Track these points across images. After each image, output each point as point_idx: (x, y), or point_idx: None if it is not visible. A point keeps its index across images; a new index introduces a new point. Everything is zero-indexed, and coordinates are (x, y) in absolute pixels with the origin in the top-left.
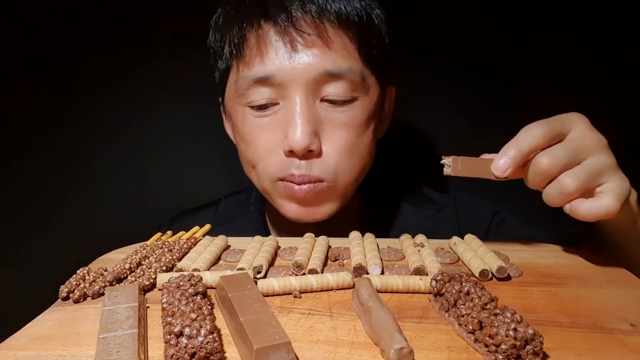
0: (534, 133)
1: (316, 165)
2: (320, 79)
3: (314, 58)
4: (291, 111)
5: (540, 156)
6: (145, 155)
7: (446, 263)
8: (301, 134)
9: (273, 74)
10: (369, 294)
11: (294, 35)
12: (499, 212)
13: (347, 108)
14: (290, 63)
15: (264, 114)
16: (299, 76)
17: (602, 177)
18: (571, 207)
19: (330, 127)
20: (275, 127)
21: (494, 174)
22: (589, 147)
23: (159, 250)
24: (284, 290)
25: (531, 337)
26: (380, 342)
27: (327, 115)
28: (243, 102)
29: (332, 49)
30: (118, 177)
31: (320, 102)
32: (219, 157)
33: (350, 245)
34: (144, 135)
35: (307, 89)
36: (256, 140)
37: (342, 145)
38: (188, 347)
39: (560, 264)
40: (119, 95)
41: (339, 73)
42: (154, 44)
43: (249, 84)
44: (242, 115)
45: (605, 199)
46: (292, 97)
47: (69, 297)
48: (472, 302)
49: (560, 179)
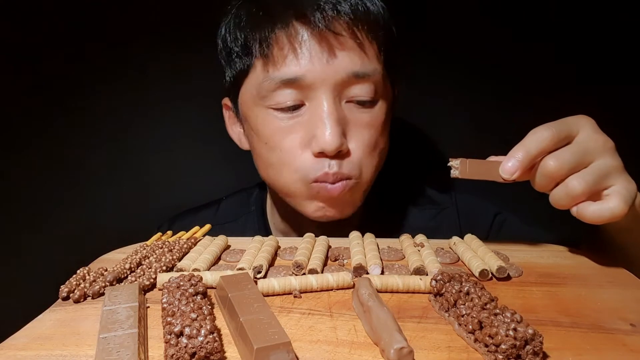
0: (542, 136)
1: (345, 164)
2: (348, 80)
3: (345, 60)
4: (319, 112)
5: (547, 159)
6: (146, 155)
7: (446, 263)
8: (332, 135)
9: (303, 75)
10: (369, 294)
11: (327, 36)
12: (500, 213)
13: (371, 109)
14: (321, 64)
15: (290, 115)
16: (328, 77)
17: (608, 180)
18: (578, 210)
19: (356, 127)
20: (301, 128)
21: (502, 177)
22: (596, 149)
23: (159, 250)
24: (284, 290)
25: (531, 337)
26: (380, 342)
27: (352, 115)
28: (266, 103)
29: (361, 50)
30: (118, 177)
31: (346, 102)
32: (219, 157)
33: (350, 245)
34: (144, 135)
35: (335, 89)
36: (281, 142)
37: (367, 144)
38: (188, 347)
39: (560, 264)
40: (119, 95)
41: (366, 74)
42: (154, 44)
43: (276, 85)
44: (263, 117)
45: (612, 201)
46: (319, 98)
47: (69, 297)
48: (472, 302)
49: (568, 181)
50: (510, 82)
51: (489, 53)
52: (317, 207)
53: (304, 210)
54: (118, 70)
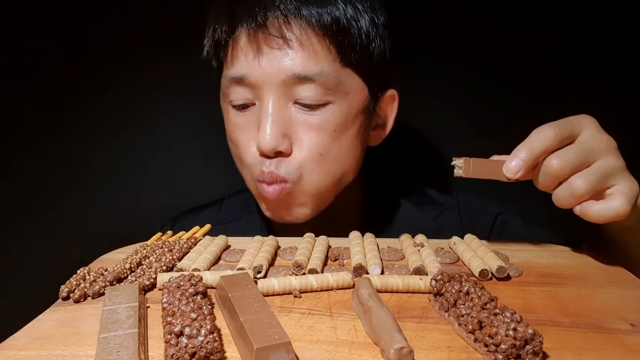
0: (546, 135)
1: (283, 165)
2: (289, 81)
3: (284, 61)
4: (263, 112)
5: (551, 158)
6: (146, 155)
7: (446, 263)
8: (269, 135)
9: (246, 75)
10: (369, 293)
11: (263, 38)
12: (501, 214)
13: (320, 111)
14: (260, 66)
15: (242, 113)
16: (269, 78)
17: (612, 179)
18: (581, 209)
19: (302, 130)
20: (250, 126)
21: (506, 176)
22: (599, 149)
23: (159, 250)
24: (284, 290)
25: (531, 337)
26: (380, 342)
27: (298, 117)
28: (227, 100)
29: (302, 52)
30: (118, 177)
31: (293, 104)
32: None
33: (350, 245)
34: (144, 135)
35: (278, 91)
36: (237, 138)
37: (313, 147)
38: (188, 347)
39: (560, 264)
40: (119, 95)
41: (308, 76)
42: (153, 43)
43: (229, 82)
44: (226, 113)
45: (615, 200)
46: (265, 99)
47: (69, 297)
48: (472, 302)
49: (571, 181)
50: (511, 82)
51: (489, 53)
52: (266, 206)
53: (262, 209)
54: (118, 70)
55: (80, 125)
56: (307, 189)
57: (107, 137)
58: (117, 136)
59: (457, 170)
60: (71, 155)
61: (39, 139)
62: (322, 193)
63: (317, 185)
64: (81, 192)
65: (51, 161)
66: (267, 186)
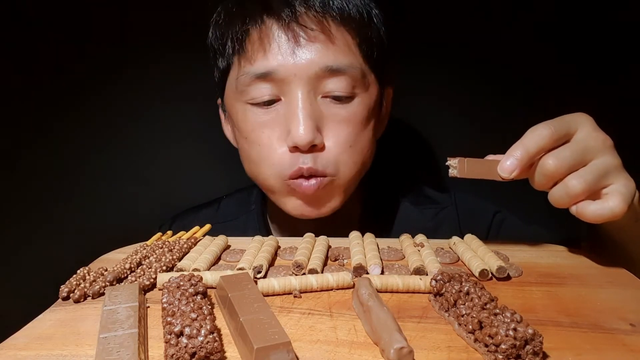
0: (541, 134)
1: (320, 160)
2: (321, 74)
3: (316, 53)
4: (293, 107)
5: (546, 158)
6: (146, 155)
7: (446, 263)
8: (304, 128)
9: (275, 69)
10: (369, 293)
11: (297, 30)
12: (499, 212)
13: (348, 104)
14: (292, 58)
15: (266, 110)
16: (300, 71)
17: (608, 178)
18: (577, 209)
19: (332, 123)
20: (277, 123)
21: (500, 176)
22: (595, 148)
23: (159, 250)
24: (284, 290)
25: (531, 337)
26: (380, 342)
27: (328, 110)
28: (244, 99)
29: (333, 44)
30: (118, 176)
31: (322, 98)
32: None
33: (350, 245)
34: (144, 134)
35: (309, 84)
36: (259, 138)
37: (344, 140)
38: (188, 347)
39: (560, 264)
40: (119, 95)
41: (340, 69)
42: (154, 43)
43: (250, 80)
44: (242, 112)
45: (611, 200)
46: (293, 93)
47: (69, 297)
48: (472, 302)
49: (567, 181)
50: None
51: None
52: (295, 204)
53: (284, 207)
54: (118, 70)
55: (81, 125)
56: (340, 182)
57: (107, 137)
58: (117, 136)
59: (452, 170)
60: (71, 156)
61: (38, 139)
62: (351, 185)
63: (348, 177)
64: (81, 192)
65: (51, 161)
66: (304, 181)
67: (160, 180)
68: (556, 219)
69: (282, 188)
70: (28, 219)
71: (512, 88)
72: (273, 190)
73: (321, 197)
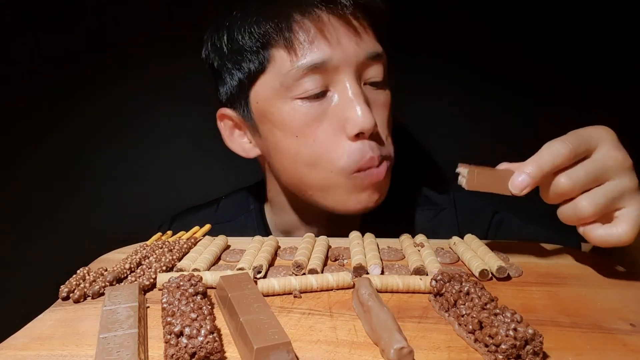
0: (557, 152)
1: (380, 146)
2: (365, 61)
3: (361, 41)
4: (347, 95)
5: (560, 176)
6: (145, 155)
7: (446, 263)
8: (364, 113)
9: (330, 59)
10: (369, 294)
11: (351, 19)
12: (498, 212)
13: (384, 91)
14: (345, 46)
15: (318, 102)
16: (351, 59)
17: (621, 202)
18: (585, 230)
19: (375, 108)
20: (330, 115)
21: (511, 192)
22: (612, 168)
23: (159, 250)
24: (284, 290)
25: (531, 337)
26: (380, 342)
27: (371, 97)
28: (292, 94)
29: (369, 33)
30: (118, 177)
31: (364, 85)
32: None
33: (350, 245)
34: (143, 135)
35: (355, 71)
36: (314, 132)
37: (386, 124)
38: (188, 347)
39: (560, 264)
40: (118, 95)
41: (380, 55)
42: (153, 44)
43: (303, 72)
44: (289, 109)
45: (620, 226)
46: (342, 82)
47: (69, 297)
48: (472, 302)
49: (577, 201)
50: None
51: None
52: (359, 198)
53: (344, 205)
54: (118, 70)
55: (81, 125)
56: (392, 166)
57: (107, 137)
58: (117, 136)
59: (461, 179)
60: (71, 156)
61: (38, 138)
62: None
63: (393, 162)
64: (81, 192)
65: (51, 161)
66: (376, 169)
67: (160, 180)
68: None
69: (346, 183)
70: (28, 219)
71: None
72: (332, 189)
73: (385, 182)
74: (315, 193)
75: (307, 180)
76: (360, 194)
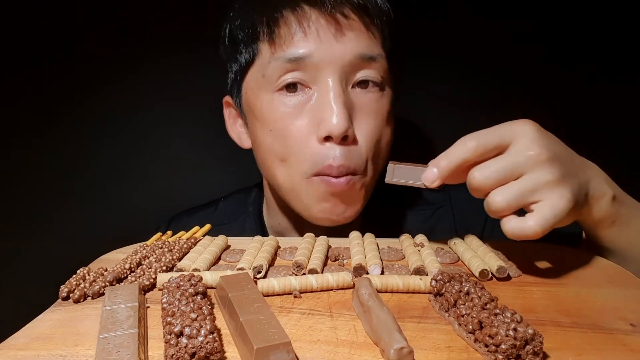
0: (465, 147)
1: (351, 155)
2: (355, 62)
3: (351, 41)
4: (325, 95)
5: (473, 171)
6: (145, 155)
7: (446, 263)
8: (338, 117)
9: (310, 54)
10: (369, 294)
11: (336, 18)
12: None
13: (377, 95)
14: (328, 44)
15: (297, 99)
16: (335, 58)
17: (535, 195)
18: (501, 223)
19: (362, 114)
20: (307, 113)
21: (424, 184)
22: (526, 162)
23: (159, 250)
24: (284, 290)
25: (531, 337)
26: (380, 342)
27: (358, 100)
28: (272, 87)
29: (367, 33)
30: (118, 177)
31: (352, 88)
32: (219, 157)
33: (350, 245)
34: (143, 135)
35: (342, 72)
36: (287, 128)
37: (372, 133)
38: (188, 347)
39: (560, 264)
40: (118, 95)
41: (372, 57)
42: (154, 43)
43: (282, 64)
44: (269, 102)
45: (531, 219)
46: (325, 81)
47: (69, 297)
48: (472, 302)
49: (490, 196)
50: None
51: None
52: (322, 207)
53: (309, 211)
54: (117, 70)
55: (80, 125)
56: (367, 181)
57: (107, 138)
58: (117, 136)
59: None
60: (71, 156)
61: (38, 139)
62: (373, 185)
63: (373, 175)
64: (81, 192)
65: (51, 161)
66: (333, 179)
67: (159, 180)
68: None
69: (308, 187)
70: (28, 219)
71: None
72: (296, 191)
73: (350, 197)
74: (286, 194)
75: (279, 178)
76: (322, 203)
